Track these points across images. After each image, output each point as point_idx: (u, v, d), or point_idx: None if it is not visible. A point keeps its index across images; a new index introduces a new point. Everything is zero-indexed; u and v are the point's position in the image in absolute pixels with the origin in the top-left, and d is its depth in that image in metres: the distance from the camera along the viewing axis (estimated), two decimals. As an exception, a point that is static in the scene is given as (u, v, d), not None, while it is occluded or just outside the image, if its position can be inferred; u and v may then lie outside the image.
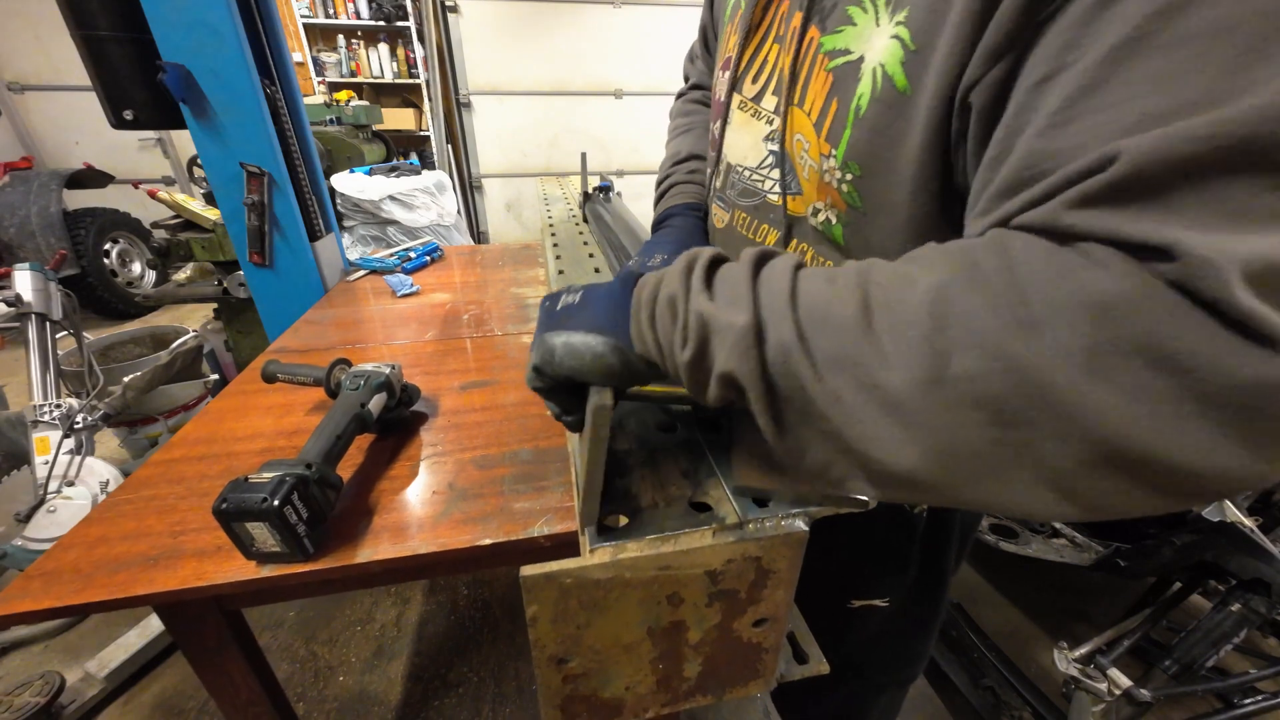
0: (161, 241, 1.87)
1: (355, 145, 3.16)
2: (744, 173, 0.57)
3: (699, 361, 0.34)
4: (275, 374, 0.86)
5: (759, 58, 0.54)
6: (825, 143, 0.45)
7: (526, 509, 0.65)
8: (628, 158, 4.67)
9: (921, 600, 0.73)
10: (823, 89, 0.44)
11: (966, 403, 0.26)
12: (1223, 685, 1.14)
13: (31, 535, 1.29)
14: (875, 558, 0.68)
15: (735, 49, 0.56)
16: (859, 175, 0.43)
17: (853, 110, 0.42)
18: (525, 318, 1.22)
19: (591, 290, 0.42)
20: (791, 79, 0.47)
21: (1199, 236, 0.22)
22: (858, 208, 0.45)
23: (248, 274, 1.36)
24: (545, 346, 0.39)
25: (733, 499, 0.45)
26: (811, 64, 0.45)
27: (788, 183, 0.52)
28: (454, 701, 1.34)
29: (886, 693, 0.85)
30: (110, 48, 1.13)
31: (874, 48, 0.40)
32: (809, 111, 0.46)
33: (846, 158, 0.43)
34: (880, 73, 0.39)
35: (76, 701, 1.25)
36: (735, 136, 0.58)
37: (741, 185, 0.57)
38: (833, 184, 0.46)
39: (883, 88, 0.39)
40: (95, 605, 0.55)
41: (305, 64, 4.50)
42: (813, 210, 0.50)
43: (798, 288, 0.32)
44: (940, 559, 0.70)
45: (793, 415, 0.32)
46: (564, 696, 0.45)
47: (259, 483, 0.54)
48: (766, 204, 0.55)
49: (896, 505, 0.64)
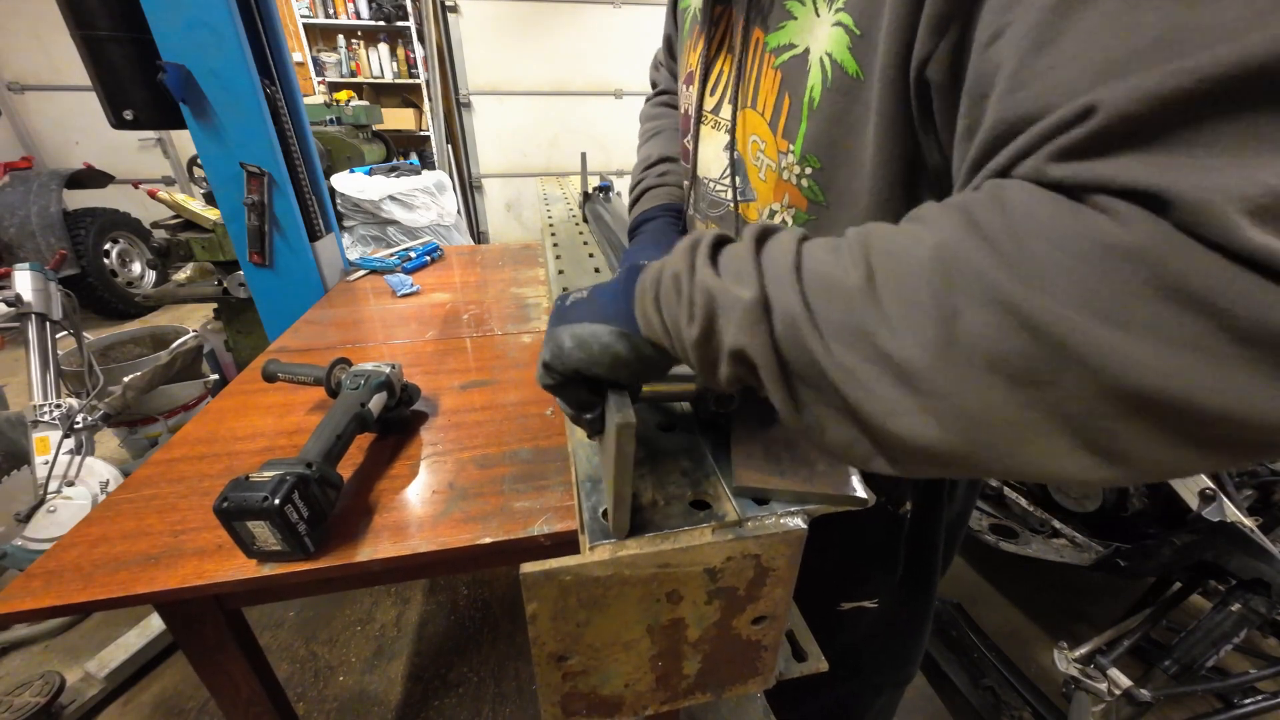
0: (161, 241, 1.88)
1: (355, 145, 3.16)
2: (709, 184, 0.58)
3: (707, 339, 0.33)
4: (275, 373, 0.86)
5: (714, 69, 0.55)
6: (782, 139, 0.45)
7: (526, 508, 0.65)
8: (628, 158, 4.67)
9: (911, 600, 0.73)
10: (773, 87, 0.45)
11: (981, 365, 0.24)
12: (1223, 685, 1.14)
13: (31, 535, 1.29)
14: (864, 558, 0.69)
15: (698, 64, 0.57)
16: (819, 168, 0.43)
17: (806, 103, 0.42)
18: (525, 317, 1.22)
19: (599, 286, 0.42)
20: (739, 80, 0.48)
21: (1192, 178, 0.21)
22: (819, 202, 0.45)
23: (248, 274, 1.36)
24: (554, 340, 0.40)
25: (732, 498, 0.45)
26: (760, 64, 0.46)
27: (741, 189, 0.52)
28: (454, 701, 1.34)
29: (883, 694, 0.85)
30: (110, 48, 1.13)
31: (817, 38, 0.40)
32: (762, 110, 0.47)
33: (805, 151, 0.43)
34: (829, 61, 0.39)
35: (76, 701, 1.25)
36: (702, 149, 0.59)
37: (710, 197, 0.58)
38: (792, 180, 0.46)
39: (834, 76, 0.39)
40: (96, 604, 0.55)
41: (305, 64, 4.50)
42: (768, 213, 0.50)
43: (802, 258, 0.31)
44: (928, 558, 0.70)
45: (807, 391, 0.31)
46: (563, 694, 0.45)
47: (260, 481, 0.55)
48: (730, 213, 0.55)
49: (881, 505, 0.63)
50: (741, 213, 0.54)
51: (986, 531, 1.45)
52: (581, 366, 0.39)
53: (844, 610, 0.71)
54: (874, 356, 0.27)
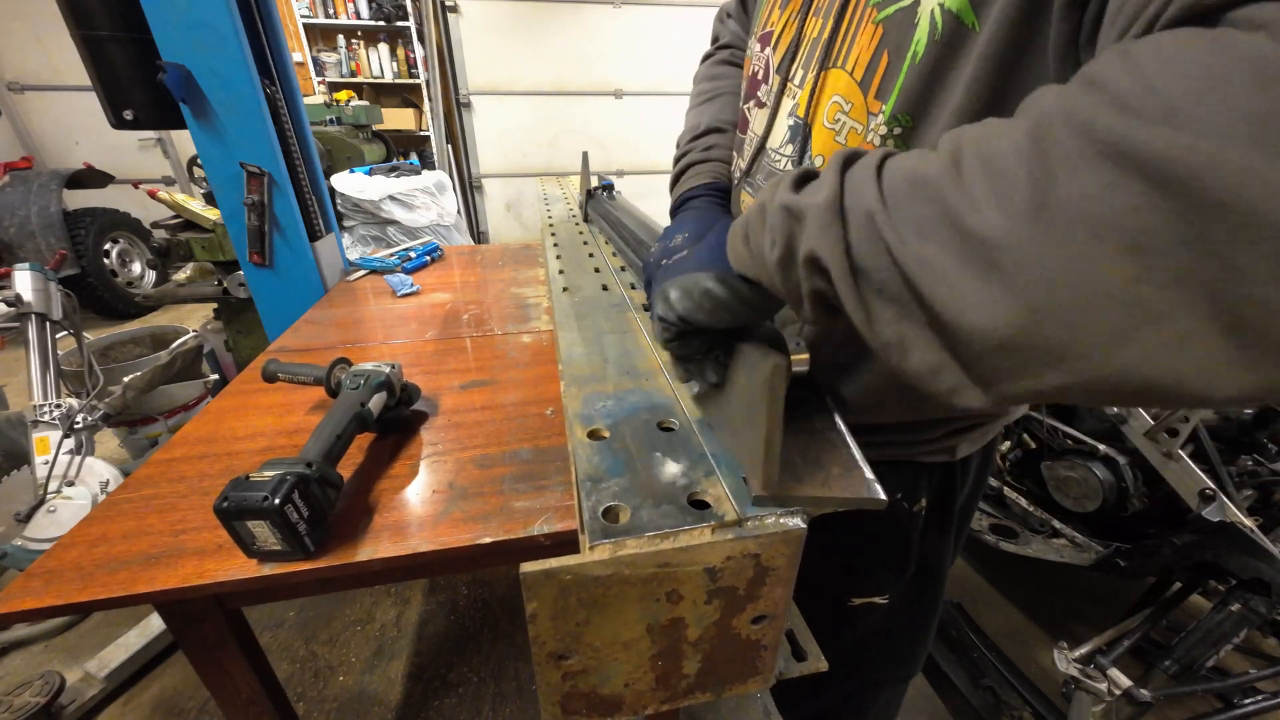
0: (161, 241, 1.88)
1: (355, 145, 3.16)
2: (772, 155, 0.55)
3: (788, 257, 0.32)
4: (275, 373, 0.86)
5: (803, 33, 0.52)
6: (874, 99, 0.43)
7: (526, 508, 0.65)
8: (628, 158, 4.67)
9: (919, 596, 0.73)
10: (870, 43, 0.43)
11: (1084, 230, 0.20)
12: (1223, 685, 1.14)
13: (31, 535, 1.29)
14: (875, 554, 0.68)
15: (779, 25, 0.54)
16: (909, 127, 0.42)
17: (909, 58, 0.40)
18: (525, 317, 1.22)
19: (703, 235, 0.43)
20: (831, 40, 0.46)
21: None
22: None
23: (248, 274, 1.36)
24: (661, 296, 0.41)
25: (732, 498, 0.45)
26: (858, 21, 0.44)
27: (802, 157, 0.49)
28: (454, 701, 1.34)
29: (885, 690, 0.85)
30: (110, 48, 1.13)
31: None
32: (851, 70, 0.44)
33: (896, 110, 0.42)
34: (940, 12, 0.37)
35: (76, 701, 1.25)
36: (769, 118, 0.55)
37: (770, 168, 0.55)
38: (875, 143, 0.44)
39: (944, 28, 0.38)
40: (96, 603, 0.55)
41: (305, 64, 4.51)
42: None
43: (885, 163, 0.29)
44: (939, 554, 0.70)
45: (882, 302, 0.28)
46: (563, 693, 0.45)
47: (260, 481, 0.55)
48: None
49: (894, 501, 0.63)
50: None
51: (986, 531, 1.45)
52: (687, 314, 0.40)
53: (853, 606, 0.71)
54: (953, 240, 0.24)
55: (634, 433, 0.53)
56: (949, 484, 0.66)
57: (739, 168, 0.61)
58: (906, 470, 0.63)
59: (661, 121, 4.55)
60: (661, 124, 4.56)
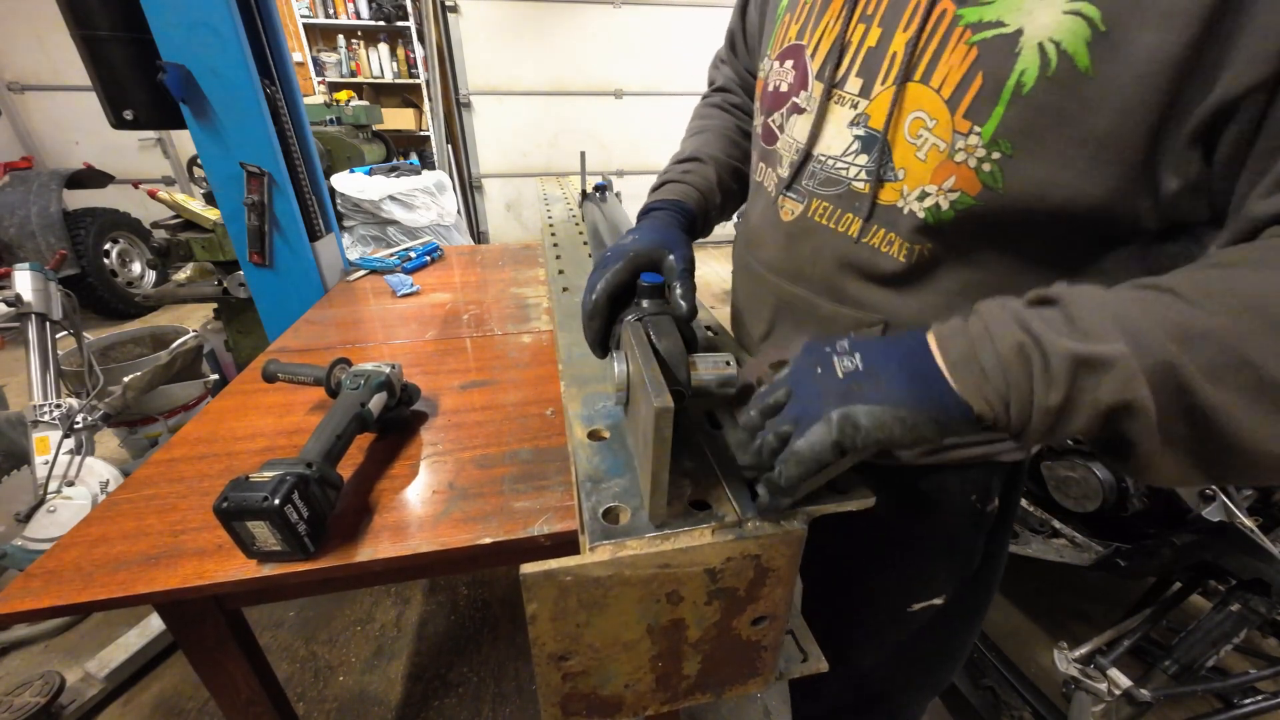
0: (161, 241, 1.88)
1: (355, 145, 3.16)
2: (826, 161, 0.54)
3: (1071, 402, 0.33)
4: (275, 373, 0.86)
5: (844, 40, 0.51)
6: (963, 119, 0.43)
7: (527, 508, 0.65)
8: (628, 158, 4.67)
9: (975, 596, 0.72)
10: (962, 63, 0.43)
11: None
12: (1223, 685, 1.14)
13: (31, 535, 1.29)
14: (941, 558, 0.68)
15: (810, 37, 0.54)
16: (1008, 154, 0.42)
17: (1010, 86, 0.40)
18: (525, 317, 1.22)
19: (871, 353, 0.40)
20: (911, 53, 0.45)
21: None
22: (995, 189, 0.43)
23: (248, 274, 1.36)
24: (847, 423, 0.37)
25: (732, 498, 0.45)
26: (945, 38, 0.43)
27: (883, 168, 0.49)
28: (454, 701, 1.34)
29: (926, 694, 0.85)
30: (110, 48, 1.13)
31: (1038, 21, 0.38)
32: (938, 87, 0.44)
33: (997, 135, 0.42)
34: (1054, 49, 0.38)
35: (76, 701, 1.25)
36: (826, 126, 0.54)
37: (824, 174, 0.54)
38: (969, 163, 0.44)
39: (1058, 66, 0.38)
40: (96, 604, 0.55)
41: (305, 64, 4.50)
42: (919, 194, 0.47)
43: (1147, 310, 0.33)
44: (1001, 547, 0.70)
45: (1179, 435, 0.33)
46: (563, 694, 0.45)
47: (260, 481, 0.55)
48: (852, 192, 0.52)
49: (969, 503, 0.63)
50: (866, 191, 0.51)
51: (986, 531, 1.44)
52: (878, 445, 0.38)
53: (912, 611, 0.70)
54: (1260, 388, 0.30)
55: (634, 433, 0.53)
56: (1015, 481, 0.66)
57: (776, 177, 0.60)
58: (982, 470, 0.63)
59: (661, 121, 4.55)
60: (661, 124, 4.55)
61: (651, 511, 0.42)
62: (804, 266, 0.58)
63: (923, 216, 0.47)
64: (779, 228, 0.60)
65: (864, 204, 0.51)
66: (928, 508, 0.64)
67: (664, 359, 0.47)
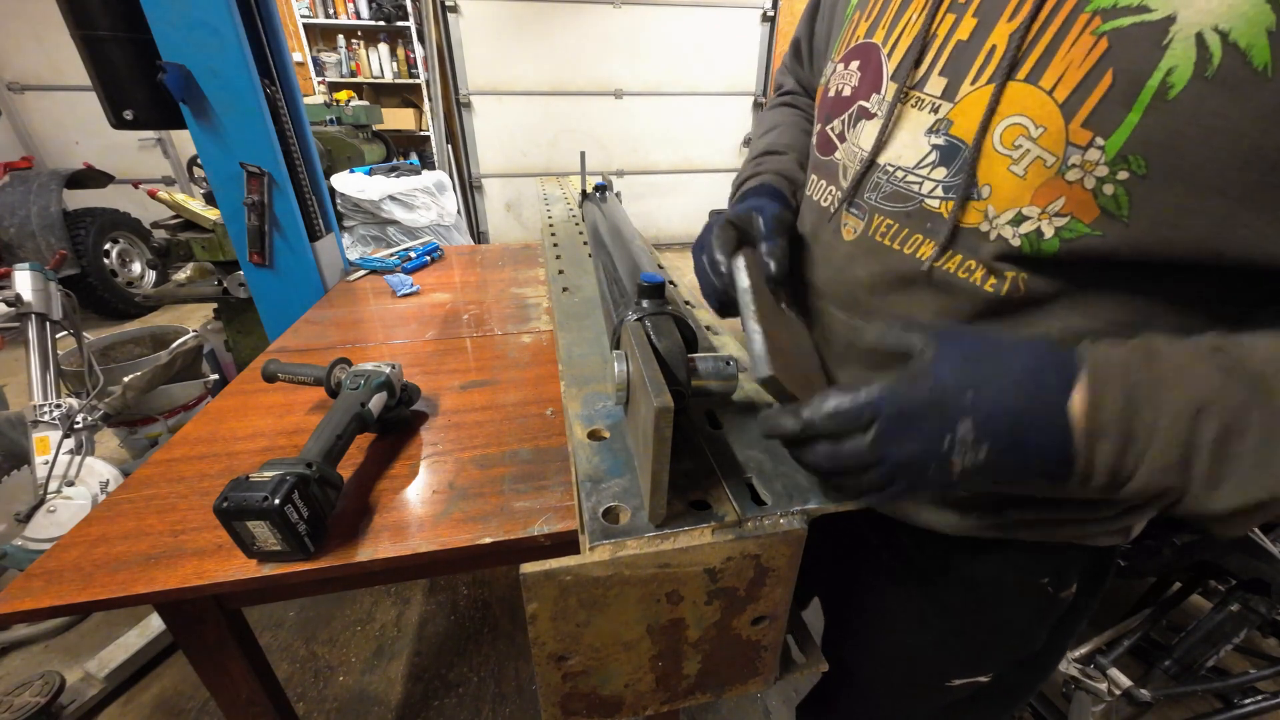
0: (161, 241, 1.88)
1: (355, 145, 3.16)
2: (895, 173, 0.46)
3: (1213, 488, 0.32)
4: (275, 373, 0.86)
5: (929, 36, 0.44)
6: (1083, 128, 0.35)
7: (526, 508, 0.65)
8: (628, 158, 4.67)
9: (1026, 678, 0.65)
10: (1085, 58, 0.35)
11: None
12: (1223, 685, 1.14)
13: (31, 535, 1.29)
14: (1000, 638, 0.60)
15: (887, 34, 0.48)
16: (1141, 174, 0.34)
17: (1151, 88, 0.32)
18: (525, 317, 1.22)
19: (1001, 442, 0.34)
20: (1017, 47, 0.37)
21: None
22: (1119, 217, 0.35)
23: (248, 274, 1.36)
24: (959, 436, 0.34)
25: (732, 498, 0.45)
26: (1064, 25, 0.36)
27: (968, 185, 0.41)
28: (454, 701, 1.34)
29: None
30: (110, 48, 1.13)
31: (1197, 4, 0.31)
32: (1051, 87, 0.36)
33: (1126, 150, 0.34)
34: (1218, 41, 0.30)
35: (76, 701, 1.25)
36: (898, 133, 0.47)
37: (891, 188, 0.47)
38: (1084, 182, 0.36)
39: (1222, 62, 0.30)
40: (96, 604, 0.55)
41: (305, 64, 4.50)
42: (1014, 217, 0.39)
43: None
44: (1068, 635, 0.62)
45: None
46: (564, 694, 0.45)
47: (260, 481, 0.55)
48: (923, 210, 0.44)
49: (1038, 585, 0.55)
50: (941, 210, 0.43)
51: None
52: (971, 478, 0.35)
53: (950, 686, 0.63)
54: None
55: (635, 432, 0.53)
56: (1101, 567, 0.58)
57: (834, 191, 0.54)
58: (1063, 552, 0.53)
59: (661, 121, 4.55)
60: (661, 124, 4.56)
61: (651, 512, 0.42)
62: (860, 293, 0.51)
63: (1017, 245, 0.39)
64: (837, 248, 0.53)
65: (941, 225, 0.43)
66: (988, 586, 0.56)
67: (664, 359, 0.47)
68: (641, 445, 0.44)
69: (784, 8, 4.34)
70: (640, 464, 0.46)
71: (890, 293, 0.48)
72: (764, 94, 4.56)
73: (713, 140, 4.72)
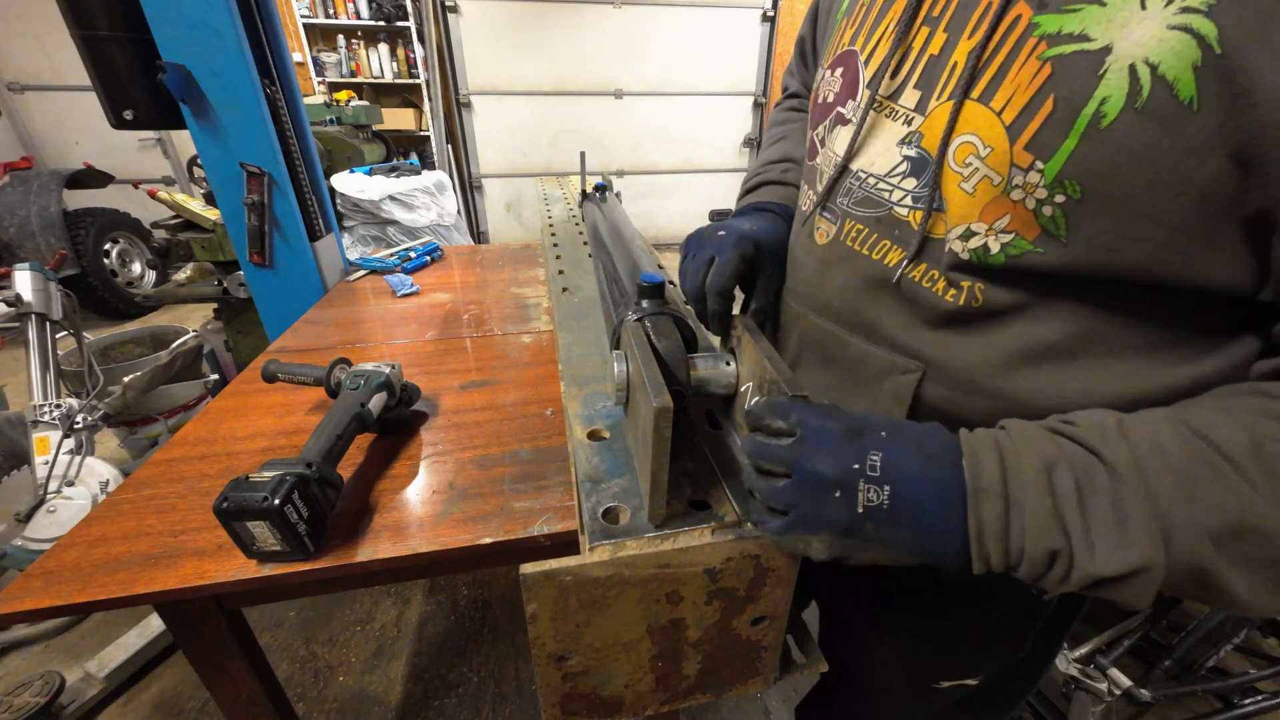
0: (161, 241, 1.88)
1: (355, 145, 3.16)
2: (867, 179, 0.48)
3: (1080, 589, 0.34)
4: (275, 373, 0.86)
5: (902, 47, 0.45)
6: (1024, 151, 0.36)
7: (527, 508, 0.65)
8: (627, 158, 4.67)
9: (1017, 680, 0.66)
10: (1031, 81, 0.36)
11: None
12: (1223, 685, 1.14)
13: (31, 535, 1.29)
14: (988, 641, 0.61)
15: (866, 41, 0.49)
16: (1075, 199, 0.35)
17: (1086, 116, 0.33)
18: (525, 317, 1.22)
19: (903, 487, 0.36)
20: (975, 65, 0.38)
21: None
22: (1057, 238, 0.37)
23: (248, 274, 1.36)
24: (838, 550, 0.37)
25: (732, 498, 0.45)
26: (1014, 49, 0.37)
27: (931, 196, 0.42)
28: (454, 701, 1.34)
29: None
30: (110, 48, 1.13)
31: (1132, 38, 0.31)
32: (999, 108, 0.37)
33: (1063, 175, 0.35)
34: (1149, 74, 0.31)
35: (76, 701, 1.25)
36: (871, 141, 0.48)
37: (862, 193, 0.48)
38: (1025, 203, 0.37)
39: (1151, 94, 0.31)
40: (96, 604, 0.55)
41: (305, 64, 4.50)
42: (963, 233, 0.41)
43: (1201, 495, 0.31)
44: (1056, 640, 0.63)
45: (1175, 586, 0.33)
46: (563, 694, 0.45)
47: (260, 482, 0.55)
48: (893, 217, 0.46)
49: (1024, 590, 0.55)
50: (910, 219, 0.44)
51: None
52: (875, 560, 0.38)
53: (940, 689, 0.64)
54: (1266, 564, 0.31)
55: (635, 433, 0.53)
56: None
57: (813, 195, 0.55)
58: None
59: (661, 122, 4.55)
60: (661, 124, 4.55)
61: (651, 512, 0.42)
62: (833, 299, 0.52)
63: (966, 258, 0.41)
64: (811, 252, 0.54)
65: (910, 235, 0.44)
66: (971, 587, 0.57)
67: (664, 359, 0.47)
68: (641, 445, 0.45)
69: (784, 8, 4.34)
70: (640, 464, 0.46)
71: (860, 299, 0.49)
72: (764, 94, 4.56)
73: (713, 140, 4.72)
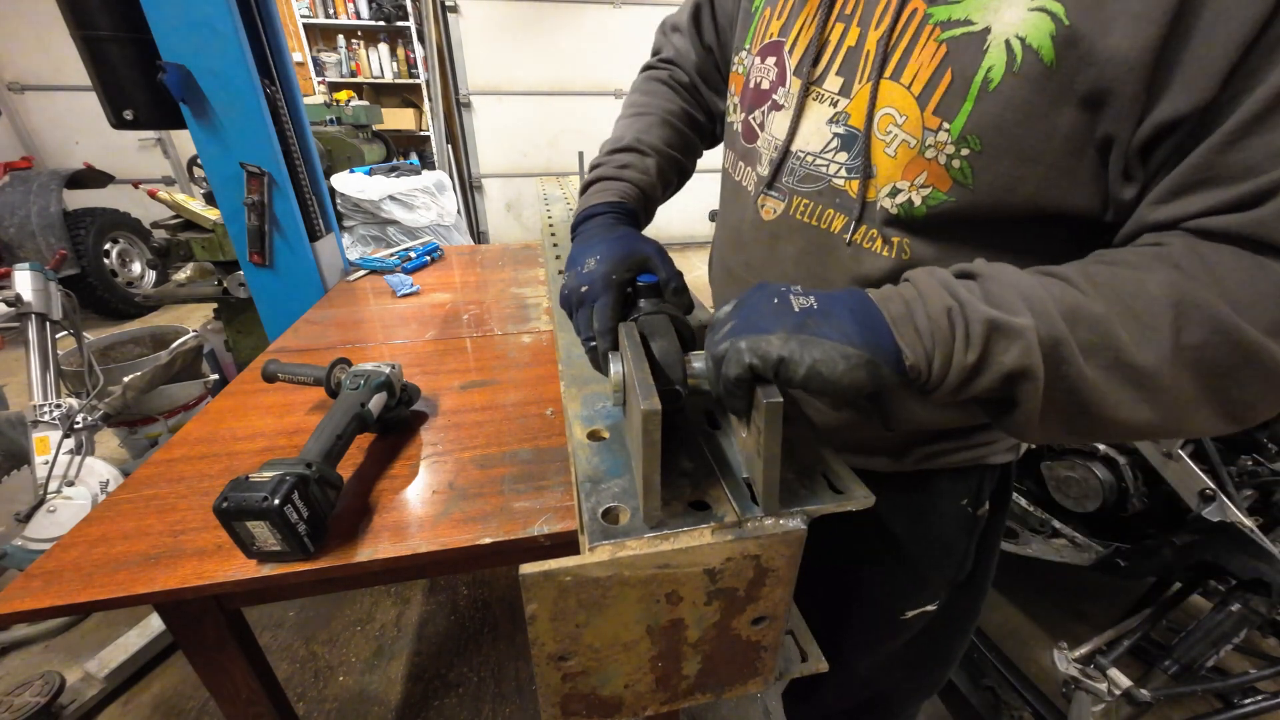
0: (161, 241, 1.88)
1: (355, 145, 3.16)
2: (805, 158, 0.54)
3: (983, 362, 0.37)
4: (275, 373, 0.86)
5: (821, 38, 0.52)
6: (933, 116, 0.44)
7: (526, 508, 0.65)
8: (628, 158, 4.67)
9: (967, 601, 0.73)
10: (931, 60, 0.43)
11: (1191, 366, 0.35)
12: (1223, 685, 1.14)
13: (31, 535, 1.29)
14: (935, 563, 0.68)
15: (791, 32, 0.54)
16: (977, 150, 0.43)
17: (978, 83, 0.41)
18: (525, 317, 1.22)
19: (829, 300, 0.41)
20: (885, 51, 0.46)
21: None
22: (966, 185, 0.44)
23: (248, 274, 1.36)
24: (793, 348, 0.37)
25: (731, 498, 0.45)
26: (915, 36, 0.44)
27: (866, 166, 0.49)
28: (454, 701, 1.34)
29: (915, 701, 0.86)
30: (110, 48, 1.13)
31: (1004, 19, 0.39)
32: (909, 84, 0.45)
33: (965, 131, 0.42)
34: (1020, 45, 0.39)
35: (76, 701, 1.25)
36: (803, 123, 0.54)
37: (804, 171, 0.55)
38: (939, 159, 0.44)
39: (1024, 61, 0.39)
40: (96, 604, 0.55)
41: (305, 64, 4.50)
42: (890, 190, 0.48)
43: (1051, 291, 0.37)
44: (992, 551, 0.71)
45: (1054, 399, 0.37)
46: (563, 695, 0.45)
47: (260, 482, 0.55)
48: (832, 189, 0.53)
49: (960, 507, 0.65)
50: (847, 188, 0.51)
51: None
52: (812, 380, 0.38)
53: (906, 619, 0.71)
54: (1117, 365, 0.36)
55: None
56: (1005, 484, 0.68)
57: (756, 175, 0.60)
58: (973, 474, 0.64)
59: (661, 121, 4.55)
60: (661, 124, 4.55)
61: (645, 514, 0.42)
62: (788, 267, 0.58)
63: (895, 213, 0.48)
64: (761, 228, 0.59)
65: (850, 202, 0.51)
66: (920, 513, 0.65)
67: (659, 359, 0.47)
68: (634, 447, 0.45)
69: (784, 8, 4.34)
70: (635, 465, 0.46)
71: (812, 264, 0.56)
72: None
73: (713, 140, 4.72)
